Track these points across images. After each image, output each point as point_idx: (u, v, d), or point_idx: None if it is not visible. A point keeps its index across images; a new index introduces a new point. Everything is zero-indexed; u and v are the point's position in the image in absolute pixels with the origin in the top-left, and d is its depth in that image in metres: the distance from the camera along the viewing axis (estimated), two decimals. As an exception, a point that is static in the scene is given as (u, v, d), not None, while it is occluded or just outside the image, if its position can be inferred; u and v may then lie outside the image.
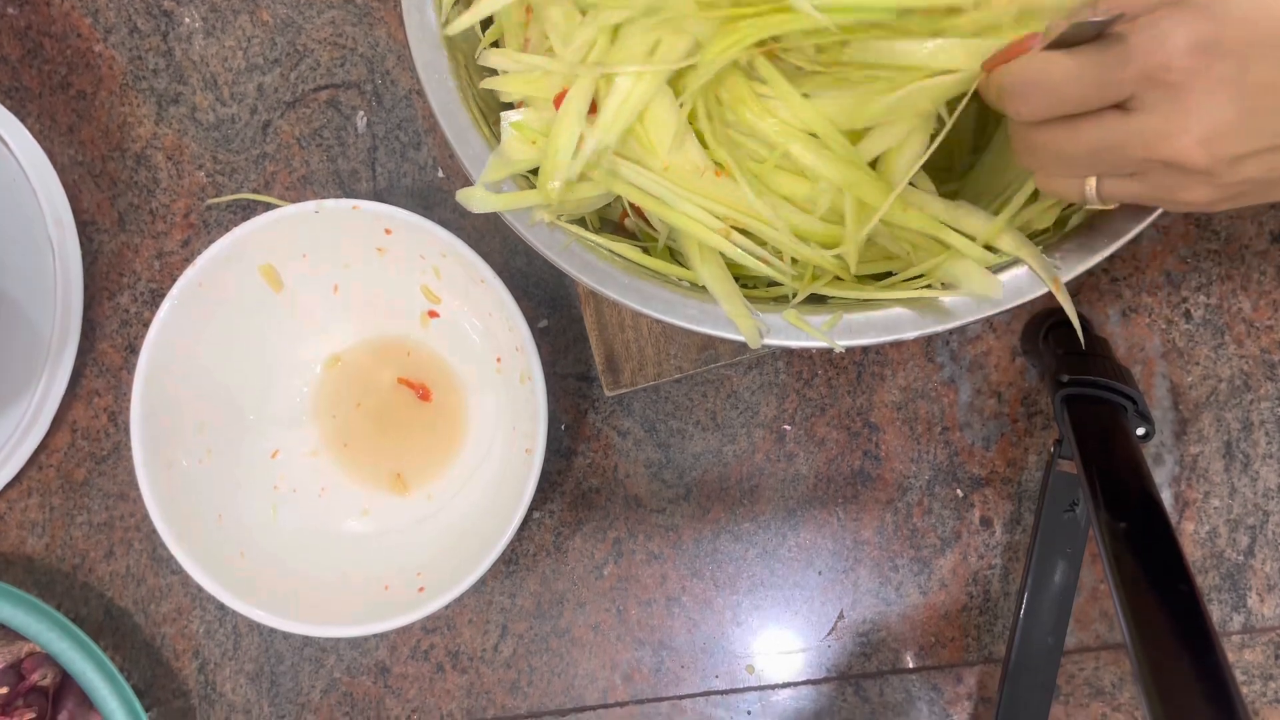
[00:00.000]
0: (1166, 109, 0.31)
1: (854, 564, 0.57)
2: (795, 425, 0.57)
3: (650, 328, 0.55)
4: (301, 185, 0.59)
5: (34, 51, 0.60)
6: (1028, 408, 0.56)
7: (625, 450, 0.58)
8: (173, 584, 0.59)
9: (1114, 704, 0.56)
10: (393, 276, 0.56)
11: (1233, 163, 0.32)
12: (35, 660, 0.55)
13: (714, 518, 0.57)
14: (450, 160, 0.59)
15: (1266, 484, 0.55)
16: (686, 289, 0.44)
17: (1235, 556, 0.55)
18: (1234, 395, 0.55)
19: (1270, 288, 0.55)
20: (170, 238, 0.60)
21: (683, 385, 0.58)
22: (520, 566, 0.58)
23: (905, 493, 0.57)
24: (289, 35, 0.60)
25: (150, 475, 0.52)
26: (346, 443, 0.59)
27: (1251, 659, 0.56)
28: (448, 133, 0.45)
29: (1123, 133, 0.32)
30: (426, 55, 0.45)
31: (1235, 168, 0.32)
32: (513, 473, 0.53)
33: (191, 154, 0.60)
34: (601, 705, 0.58)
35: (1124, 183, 0.34)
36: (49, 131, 0.60)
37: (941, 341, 0.57)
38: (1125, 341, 0.56)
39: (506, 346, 0.55)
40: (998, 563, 0.56)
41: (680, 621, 0.57)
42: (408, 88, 0.59)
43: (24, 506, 0.60)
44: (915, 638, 0.56)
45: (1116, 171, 0.34)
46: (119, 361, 0.60)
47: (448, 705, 0.58)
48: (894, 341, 0.42)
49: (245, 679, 0.59)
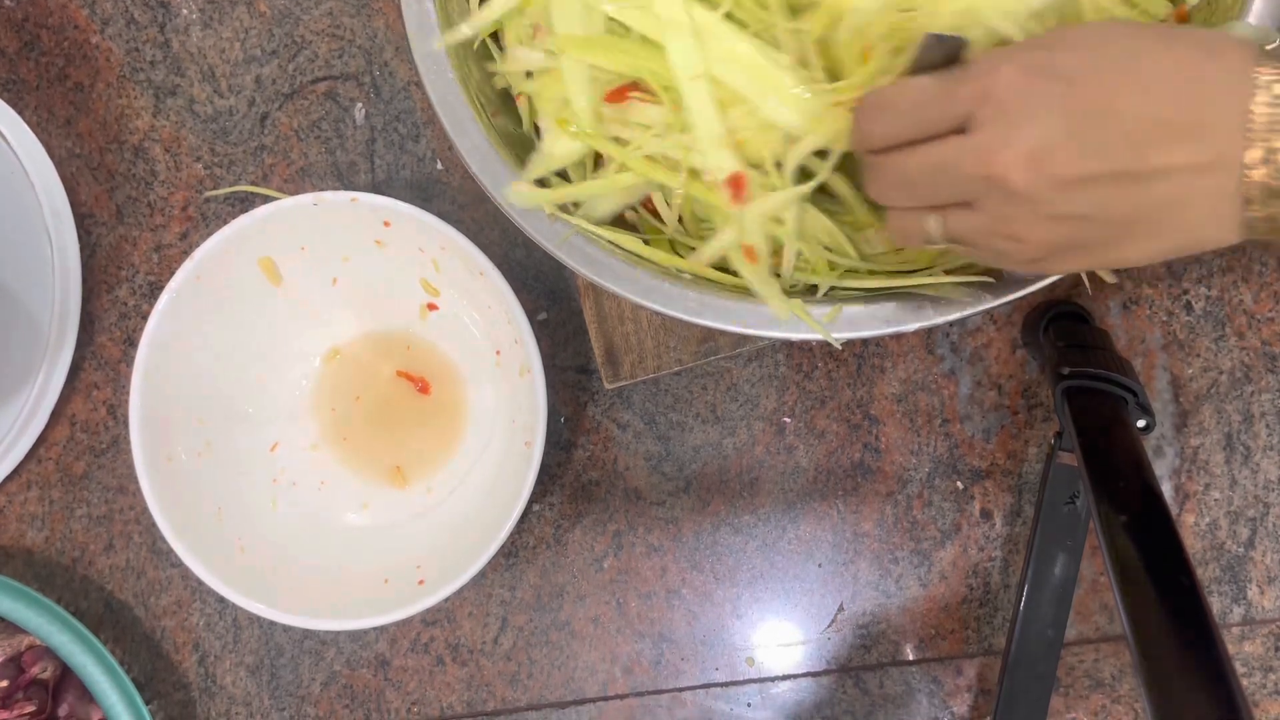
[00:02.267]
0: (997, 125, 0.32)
1: (854, 556, 0.57)
2: (795, 418, 0.57)
3: (650, 320, 0.55)
4: (300, 178, 0.59)
5: (31, 43, 0.60)
6: (1028, 400, 0.56)
7: (625, 443, 0.58)
8: (172, 577, 0.59)
9: (1114, 696, 0.56)
10: (392, 269, 0.56)
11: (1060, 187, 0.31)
12: (35, 653, 0.55)
13: (714, 510, 0.57)
14: (449, 152, 0.59)
15: (1267, 476, 0.55)
16: (687, 281, 0.44)
17: (1235, 549, 0.55)
18: (1235, 387, 0.55)
19: (1271, 280, 0.55)
20: (168, 230, 0.60)
21: (682, 378, 0.57)
22: (520, 559, 0.58)
23: (905, 485, 0.57)
24: (286, 27, 0.59)
25: (149, 468, 0.52)
26: (346, 436, 0.59)
27: (1251, 651, 0.56)
28: (446, 125, 0.45)
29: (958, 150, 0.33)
30: (425, 47, 0.45)
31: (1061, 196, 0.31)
32: (512, 466, 0.53)
33: (189, 146, 0.60)
34: (601, 697, 0.58)
35: (965, 215, 0.34)
36: (46, 124, 0.60)
37: (942, 334, 0.57)
38: (1126, 333, 0.56)
39: (506, 339, 0.54)
40: (998, 555, 0.56)
41: (680, 614, 0.57)
42: (406, 79, 0.59)
43: (23, 500, 0.60)
44: (915, 630, 0.57)
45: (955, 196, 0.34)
46: (117, 355, 0.60)
47: (448, 698, 0.58)
48: (894, 334, 0.42)
49: (245, 671, 0.59)
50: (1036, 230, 0.33)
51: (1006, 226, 0.33)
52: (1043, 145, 0.31)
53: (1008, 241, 0.34)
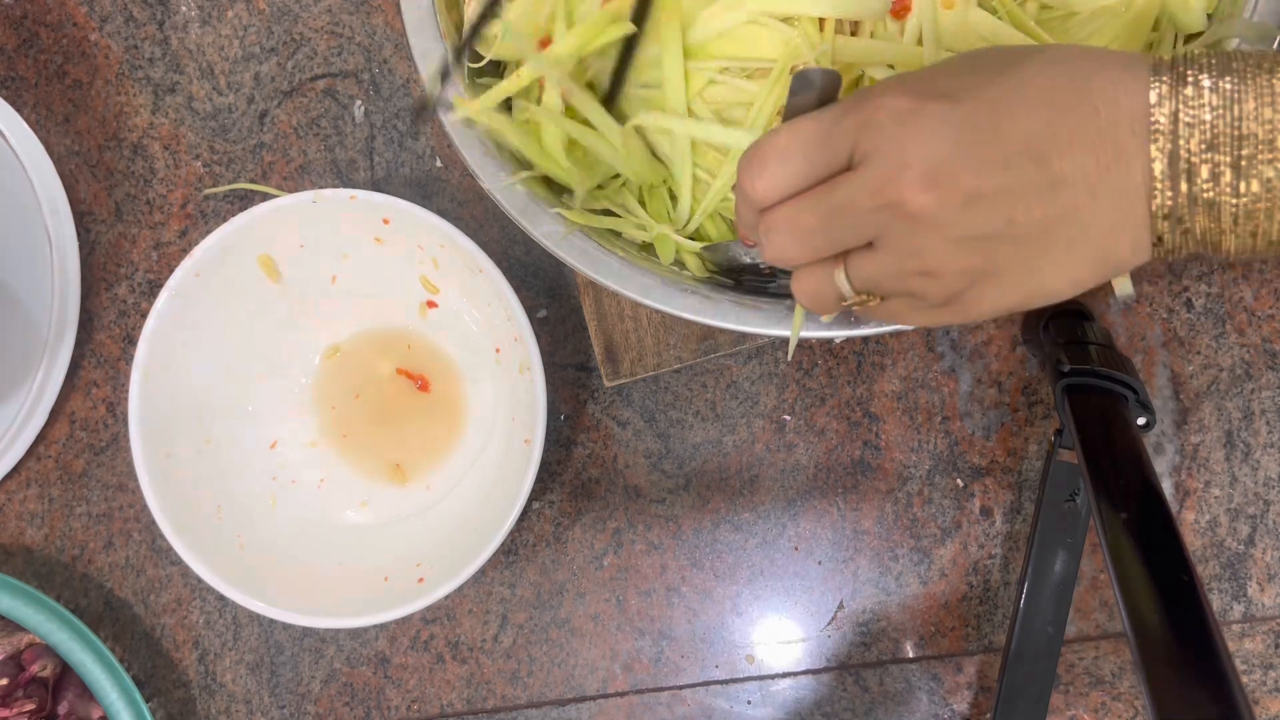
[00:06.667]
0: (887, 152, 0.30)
1: (854, 554, 0.57)
2: (795, 415, 0.57)
3: (650, 317, 0.55)
4: (299, 175, 0.59)
5: (29, 41, 0.60)
6: (1028, 397, 0.56)
7: (625, 440, 0.58)
8: (172, 575, 0.59)
9: (1114, 693, 0.56)
10: (391, 267, 0.56)
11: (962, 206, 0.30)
12: (35, 651, 0.55)
13: (714, 508, 0.57)
14: (448, 150, 0.59)
15: (1267, 473, 0.55)
16: (687, 278, 0.44)
17: (1236, 546, 0.55)
18: (1235, 384, 0.55)
19: (1271, 276, 0.55)
20: (167, 228, 0.60)
21: (682, 375, 0.57)
22: (520, 557, 0.58)
23: (905, 482, 0.57)
24: (285, 24, 0.59)
25: (149, 466, 0.52)
26: (345, 433, 0.59)
27: (1251, 648, 0.56)
28: (445, 122, 0.45)
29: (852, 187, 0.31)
30: (424, 44, 0.45)
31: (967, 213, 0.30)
32: (512, 463, 0.53)
33: (188, 144, 0.60)
34: (601, 695, 0.58)
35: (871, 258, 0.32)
36: (45, 121, 0.60)
37: (942, 331, 0.57)
38: (1126, 331, 0.56)
39: (505, 336, 0.54)
40: (998, 552, 0.56)
41: (680, 611, 0.57)
42: (405, 76, 0.59)
43: (23, 498, 0.60)
44: (915, 627, 0.56)
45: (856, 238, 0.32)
46: (117, 352, 0.60)
47: (448, 695, 0.58)
48: (894, 331, 0.42)
49: (245, 669, 0.59)
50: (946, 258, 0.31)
51: (915, 261, 0.31)
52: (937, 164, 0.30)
53: (920, 279, 0.32)
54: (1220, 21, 0.41)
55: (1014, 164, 0.30)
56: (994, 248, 0.31)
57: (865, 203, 0.31)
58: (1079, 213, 0.30)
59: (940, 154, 0.30)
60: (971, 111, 0.30)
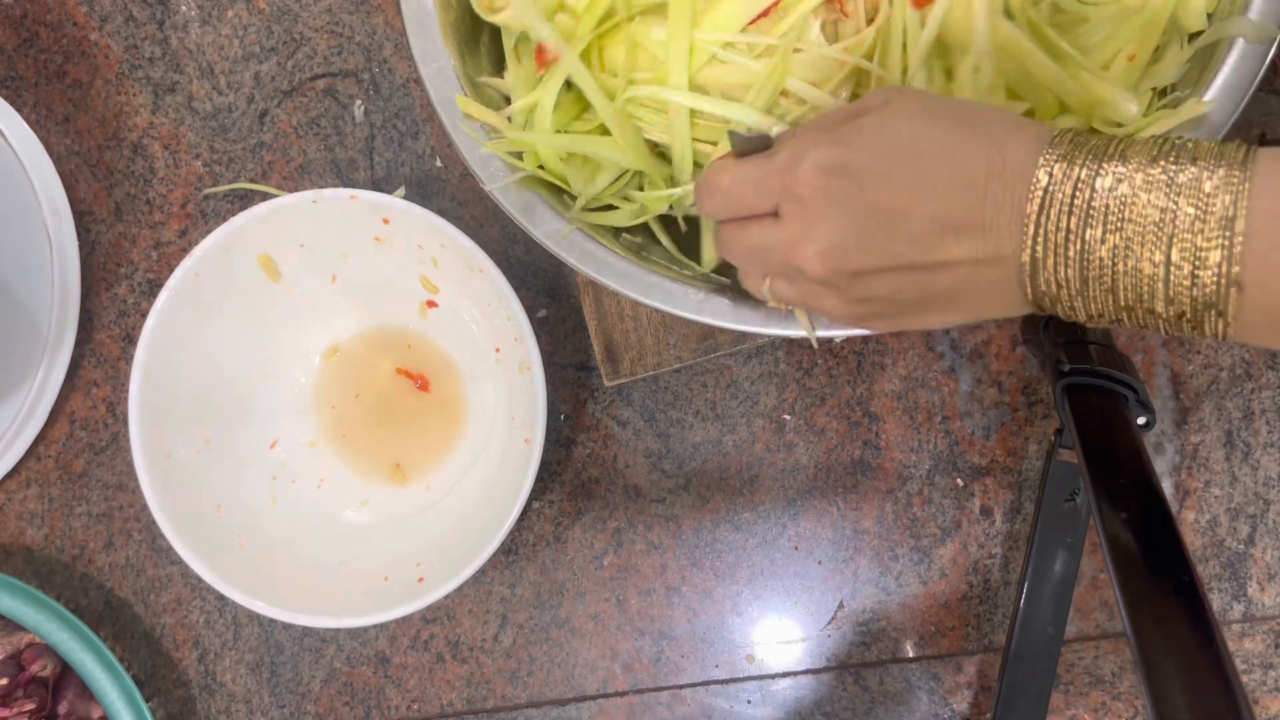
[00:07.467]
0: (797, 220, 0.35)
1: (854, 553, 0.57)
2: (795, 415, 0.57)
3: (650, 317, 0.55)
4: (299, 175, 0.59)
5: (29, 40, 0.60)
6: (1028, 397, 0.56)
7: (625, 440, 0.58)
8: (172, 574, 0.59)
9: (1114, 692, 0.56)
10: (391, 266, 0.56)
11: (853, 278, 0.35)
12: (35, 651, 0.55)
13: (714, 508, 0.57)
14: (448, 149, 0.59)
15: (1267, 473, 0.55)
16: (688, 277, 0.44)
17: (1236, 545, 0.55)
18: (1235, 384, 0.55)
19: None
20: (167, 228, 0.60)
21: (682, 375, 0.57)
22: (520, 556, 0.58)
23: (905, 482, 0.57)
24: (285, 23, 0.59)
25: (149, 466, 0.52)
26: (345, 433, 0.59)
27: (1251, 648, 0.56)
28: (445, 122, 0.45)
29: (770, 238, 0.37)
30: (424, 44, 0.45)
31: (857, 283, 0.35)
32: (512, 463, 0.53)
33: (188, 143, 0.60)
34: (601, 695, 0.58)
35: (786, 285, 0.38)
36: (45, 121, 0.60)
37: (942, 331, 0.57)
38: (1126, 330, 0.56)
39: (505, 336, 0.54)
40: (998, 552, 0.56)
41: (680, 611, 0.57)
42: (405, 76, 0.59)
43: (23, 497, 0.60)
44: (915, 627, 0.56)
45: (774, 272, 0.38)
46: (117, 352, 0.60)
47: (448, 695, 0.58)
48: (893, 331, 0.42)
49: (245, 669, 0.59)
50: (840, 307, 0.37)
51: (816, 301, 0.37)
52: (834, 244, 0.35)
53: (820, 311, 0.38)
54: (1220, 21, 0.41)
55: (900, 250, 0.34)
56: (881, 306, 0.36)
57: (777, 256, 0.37)
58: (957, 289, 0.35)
59: (839, 236, 0.34)
60: (873, 199, 0.34)
